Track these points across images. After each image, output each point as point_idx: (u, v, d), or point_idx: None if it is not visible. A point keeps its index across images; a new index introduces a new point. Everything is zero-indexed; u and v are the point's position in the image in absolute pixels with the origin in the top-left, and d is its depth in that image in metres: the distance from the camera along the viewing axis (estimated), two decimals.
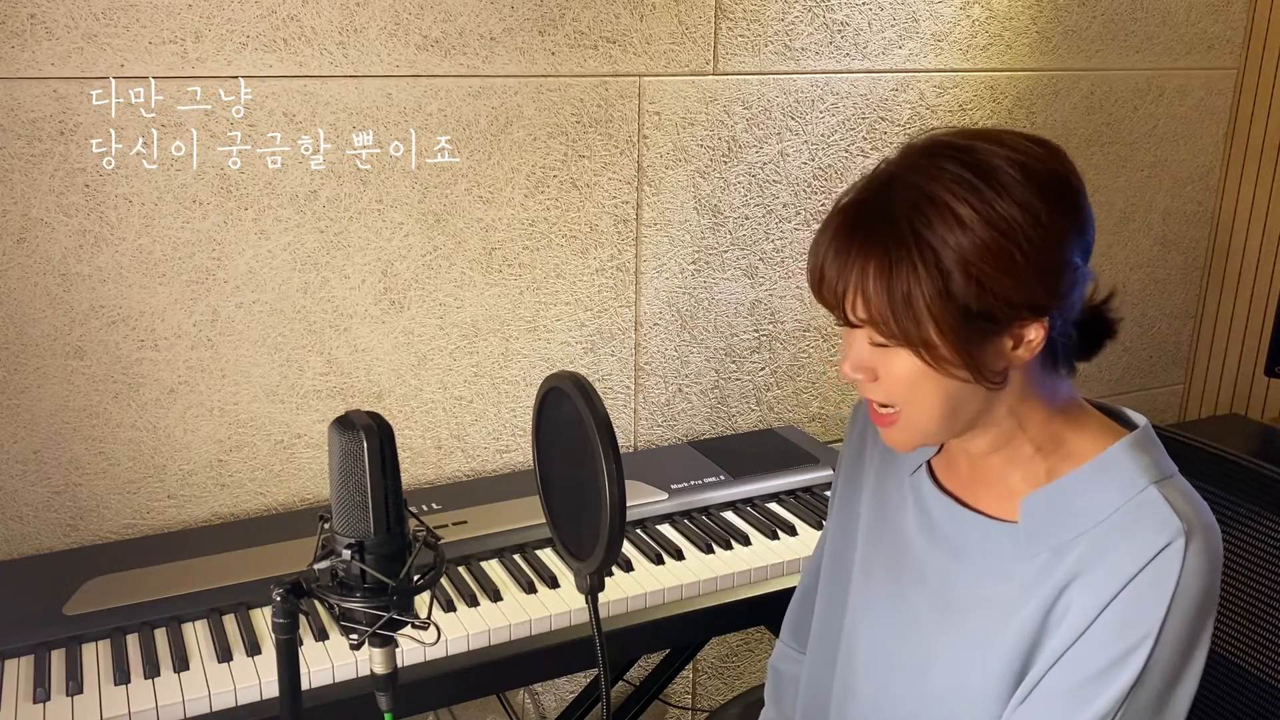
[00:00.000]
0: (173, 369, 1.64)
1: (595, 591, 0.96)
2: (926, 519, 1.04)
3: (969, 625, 0.98)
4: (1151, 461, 0.94)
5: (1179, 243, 2.58)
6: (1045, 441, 0.97)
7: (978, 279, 0.86)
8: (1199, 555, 0.88)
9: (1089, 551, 0.91)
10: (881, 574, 1.09)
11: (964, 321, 0.87)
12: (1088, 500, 0.93)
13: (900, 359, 0.91)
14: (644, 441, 2.06)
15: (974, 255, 0.85)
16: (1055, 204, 0.88)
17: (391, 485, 0.89)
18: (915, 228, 0.87)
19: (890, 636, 1.06)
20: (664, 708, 2.25)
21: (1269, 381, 2.52)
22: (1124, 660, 0.87)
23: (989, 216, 0.85)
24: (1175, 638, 0.87)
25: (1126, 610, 0.88)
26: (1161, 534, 0.88)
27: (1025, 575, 0.94)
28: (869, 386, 0.95)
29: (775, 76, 1.97)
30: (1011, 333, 0.90)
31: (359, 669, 1.35)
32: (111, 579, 1.49)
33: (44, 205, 1.51)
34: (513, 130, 1.77)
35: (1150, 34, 2.34)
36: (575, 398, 0.91)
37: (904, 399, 0.94)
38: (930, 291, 0.86)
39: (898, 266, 0.87)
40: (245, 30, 1.56)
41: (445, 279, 1.79)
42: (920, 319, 0.87)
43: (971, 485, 1.03)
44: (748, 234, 2.03)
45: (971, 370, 0.89)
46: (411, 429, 1.83)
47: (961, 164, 0.88)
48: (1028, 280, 0.86)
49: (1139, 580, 0.87)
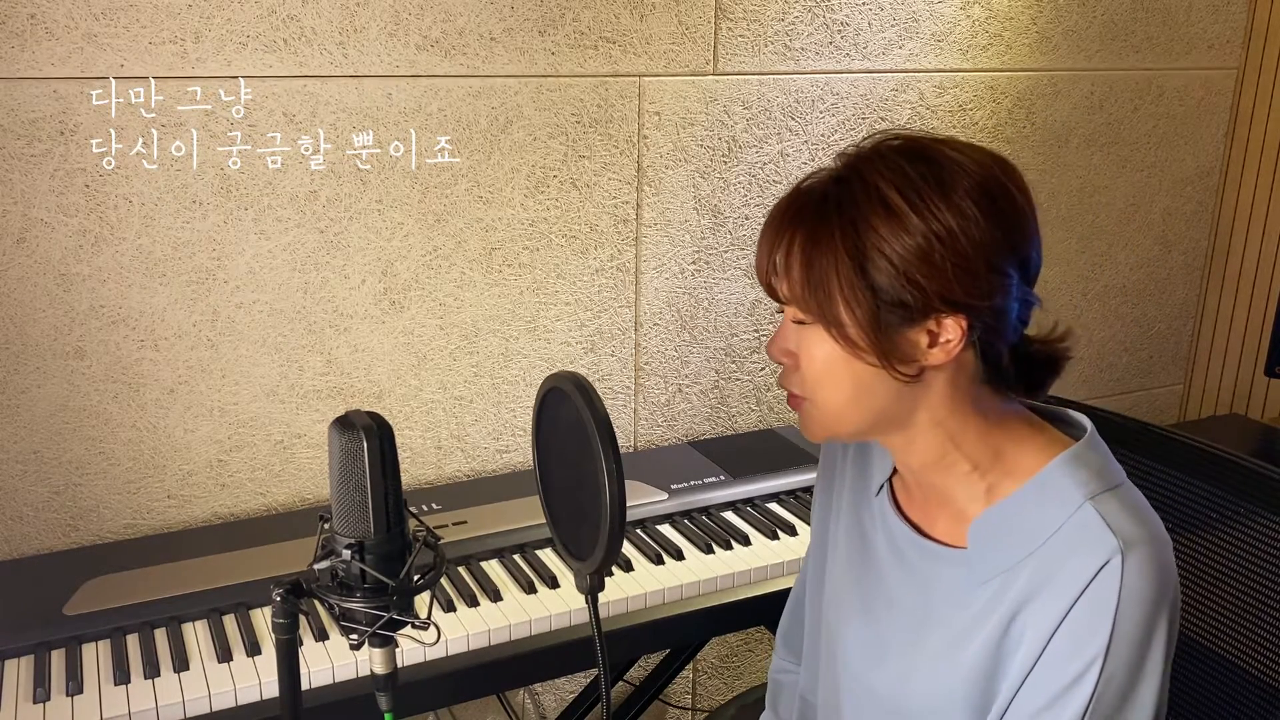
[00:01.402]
0: (173, 369, 1.64)
1: (595, 591, 0.96)
2: (893, 543, 1.05)
3: (935, 647, 0.99)
4: (1091, 474, 0.93)
5: (1179, 243, 2.58)
6: (982, 458, 0.96)
7: (893, 264, 0.87)
8: (1137, 569, 0.87)
9: (1035, 575, 0.91)
10: (856, 589, 1.09)
11: (875, 303, 0.89)
12: (1029, 521, 0.93)
13: (815, 340, 0.93)
14: (644, 441, 2.06)
15: (895, 244, 0.87)
16: (994, 217, 0.88)
17: (391, 485, 0.89)
18: (844, 209, 0.89)
19: (866, 652, 1.06)
20: (664, 708, 2.25)
21: (1269, 381, 2.52)
22: (1077, 682, 0.88)
23: (922, 211, 0.87)
24: (1125, 654, 0.87)
25: (1073, 633, 0.88)
26: (1098, 554, 0.87)
27: (980, 600, 0.95)
28: (788, 375, 0.97)
29: (775, 76, 1.97)
30: (927, 328, 0.90)
31: (359, 669, 1.35)
32: (111, 579, 1.49)
33: (44, 205, 1.51)
34: (513, 130, 1.77)
35: (1150, 34, 2.34)
36: (575, 398, 0.91)
37: (815, 384, 0.95)
38: (845, 269, 0.88)
39: (820, 242, 0.89)
40: (245, 30, 1.56)
41: (445, 279, 1.79)
42: (833, 294, 0.89)
43: (925, 510, 1.03)
44: (748, 234, 2.03)
45: (880, 356, 0.90)
46: (411, 429, 1.83)
47: (912, 160, 0.89)
48: (943, 273, 0.87)
49: (1082, 602, 0.87)
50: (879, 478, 1.08)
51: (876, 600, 1.06)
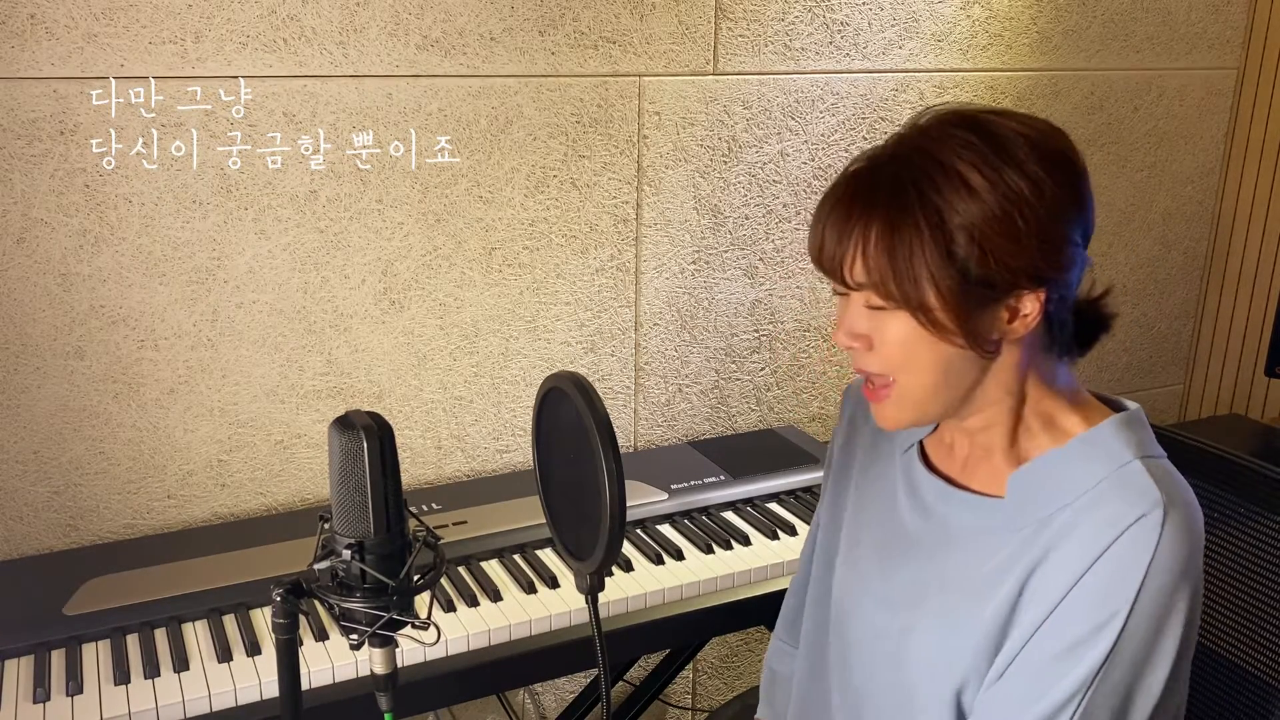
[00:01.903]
0: (173, 369, 1.64)
1: (595, 591, 0.96)
2: (916, 496, 1.05)
3: (954, 601, 0.98)
4: (1139, 440, 0.94)
5: (1179, 243, 2.58)
6: (1037, 420, 0.97)
7: (980, 244, 0.87)
8: (1176, 529, 0.87)
9: (1067, 524, 0.91)
10: (868, 551, 1.09)
11: (963, 285, 0.88)
12: (1071, 474, 0.93)
13: (895, 324, 0.91)
14: (644, 441, 2.06)
15: (979, 220, 0.86)
16: (1060, 179, 0.89)
17: (391, 485, 0.89)
18: (922, 190, 0.88)
19: (877, 611, 1.06)
20: (664, 708, 2.25)
21: (1269, 381, 2.52)
22: (1097, 633, 0.87)
23: (997, 184, 0.86)
24: (1149, 612, 0.86)
25: (1100, 582, 0.87)
26: (1138, 505, 0.88)
27: (1010, 549, 0.94)
28: (864, 356, 0.95)
29: (775, 76, 1.97)
30: (1008, 303, 0.90)
31: (359, 669, 1.35)
32: (111, 579, 1.49)
33: (44, 205, 1.51)
34: (513, 130, 1.77)
35: (1150, 34, 2.34)
36: (575, 398, 0.91)
37: (898, 367, 0.93)
38: (932, 253, 0.87)
39: (901, 227, 0.88)
40: (245, 30, 1.56)
41: (445, 279, 1.79)
42: (920, 280, 0.88)
43: (963, 464, 1.03)
44: (748, 234, 2.03)
45: (967, 336, 0.89)
46: (411, 429, 1.83)
47: (972, 132, 0.89)
48: (1029, 248, 0.87)
49: (1113, 551, 0.87)
50: (907, 437, 1.08)
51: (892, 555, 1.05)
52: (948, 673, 0.97)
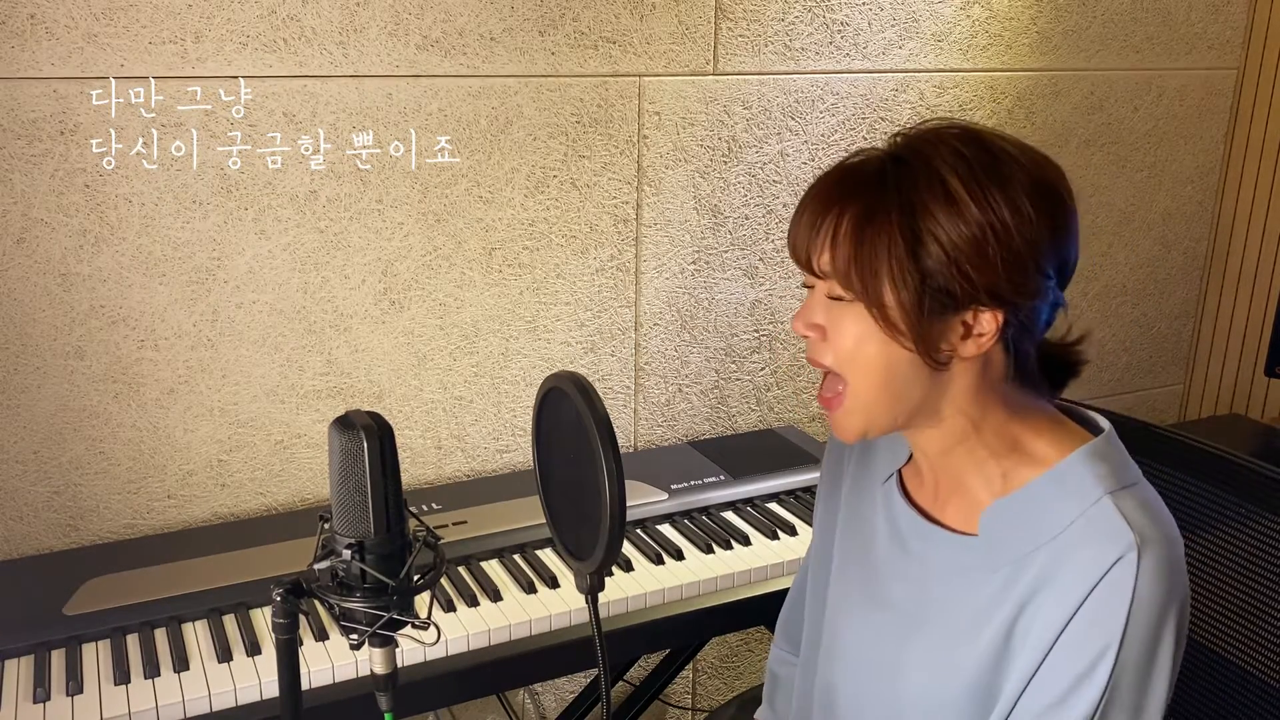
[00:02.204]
0: (173, 369, 1.64)
1: (595, 591, 0.96)
2: (895, 530, 1.05)
3: (937, 636, 0.98)
4: (1109, 470, 0.93)
5: (1179, 243, 2.58)
6: (1000, 445, 0.96)
7: (947, 252, 0.87)
8: (1152, 565, 0.87)
9: (1048, 565, 0.91)
10: (856, 580, 1.09)
11: (921, 288, 0.88)
12: (1044, 511, 0.93)
13: (851, 318, 0.92)
14: (644, 441, 2.06)
15: (952, 231, 0.87)
16: (1044, 210, 0.89)
17: (391, 485, 0.89)
18: (903, 189, 0.88)
19: (864, 643, 1.06)
20: (664, 708, 2.25)
21: (1269, 381, 2.52)
22: (1089, 675, 0.87)
23: (979, 200, 0.87)
24: (1137, 649, 0.87)
25: (1086, 625, 0.88)
26: (1113, 547, 0.87)
27: (990, 589, 0.94)
28: (817, 346, 0.96)
29: (775, 76, 1.97)
30: (964, 318, 0.90)
31: (359, 669, 1.35)
32: (111, 579, 1.49)
33: (44, 205, 1.51)
34: (513, 130, 1.77)
35: (1150, 34, 2.34)
36: (575, 398, 0.91)
37: (847, 361, 0.93)
38: (897, 250, 0.88)
39: (874, 220, 0.89)
40: (245, 30, 1.56)
41: (445, 279, 1.79)
42: (880, 274, 0.88)
43: (936, 497, 1.02)
44: (748, 234, 2.03)
45: (917, 342, 0.90)
46: (411, 429, 1.83)
47: (969, 145, 0.89)
48: (995, 267, 0.87)
49: (1095, 595, 0.87)
50: (886, 467, 1.08)
51: (877, 591, 1.05)
52: (934, 711, 0.97)
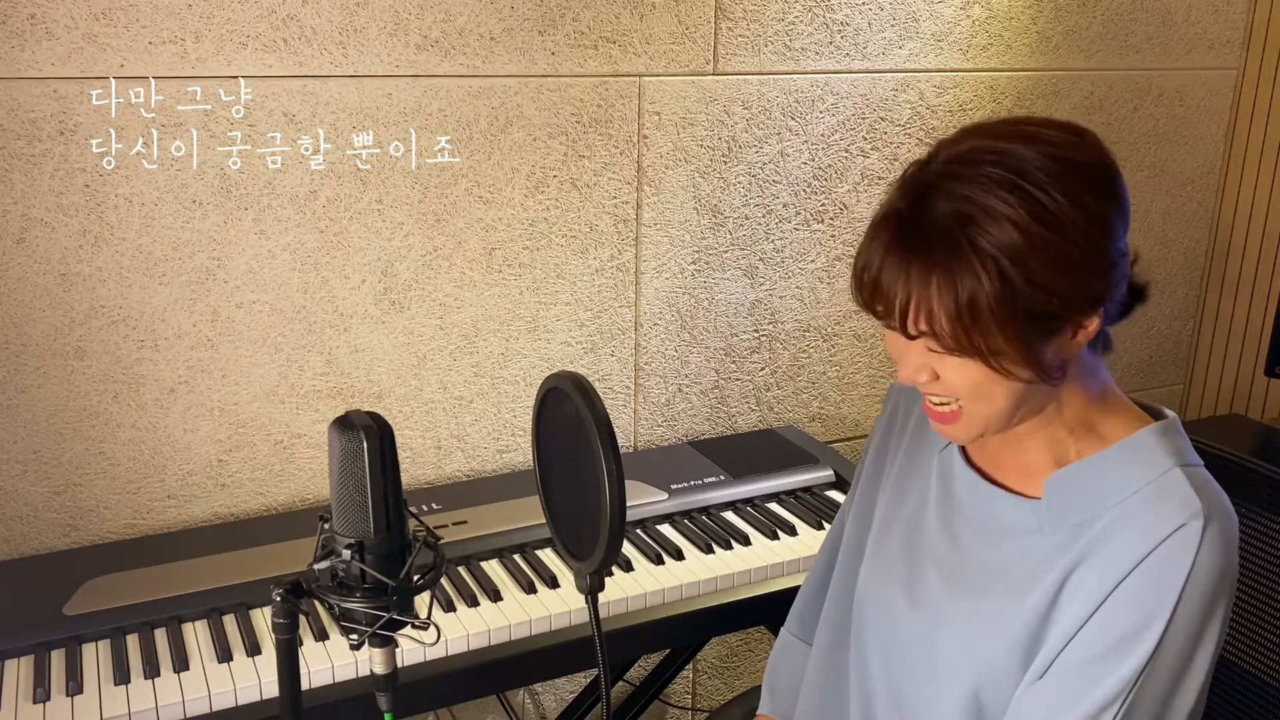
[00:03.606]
0: (173, 369, 1.64)
1: (595, 591, 0.96)
2: (950, 493, 1.05)
3: (984, 597, 0.99)
4: (1181, 447, 0.95)
5: (1179, 243, 2.58)
6: (1078, 425, 0.98)
7: (1039, 281, 0.85)
8: (1215, 539, 0.88)
9: (1109, 528, 0.91)
10: (896, 546, 1.09)
11: (1028, 325, 0.87)
12: (1111, 480, 0.94)
13: (963, 365, 0.91)
14: (644, 441, 2.06)
15: (1030, 256, 0.85)
16: (1099, 192, 0.88)
17: (391, 485, 0.89)
18: (970, 237, 0.86)
19: (902, 608, 1.06)
20: (664, 708, 2.25)
21: (1269, 381, 2.52)
22: (1136, 638, 0.87)
23: (1038, 214, 0.85)
24: (1188, 620, 0.87)
25: (1139, 588, 0.88)
26: (1179, 514, 0.89)
27: (1043, 551, 0.95)
28: (931, 385, 0.95)
29: (775, 76, 1.97)
30: (1070, 328, 0.91)
31: (359, 669, 1.35)
32: (111, 579, 1.49)
33: (44, 205, 1.51)
34: (513, 130, 1.77)
35: (1150, 34, 2.34)
36: (575, 398, 0.91)
37: (967, 397, 0.94)
38: (995, 300, 0.85)
39: (962, 278, 0.86)
40: (245, 30, 1.56)
41: (445, 279, 1.79)
42: (987, 329, 0.87)
43: (1000, 461, 1.03)
44: (748, 234, 2.03)
45: (1036, 371, 0.90)
46: (411, 429, 1.83)
47: (999, 165, 0.87)
48: (1085, 274, 0.87)
49: (1154, 558, 0.88)
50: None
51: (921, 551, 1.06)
52: (971, 671, 0.97)
